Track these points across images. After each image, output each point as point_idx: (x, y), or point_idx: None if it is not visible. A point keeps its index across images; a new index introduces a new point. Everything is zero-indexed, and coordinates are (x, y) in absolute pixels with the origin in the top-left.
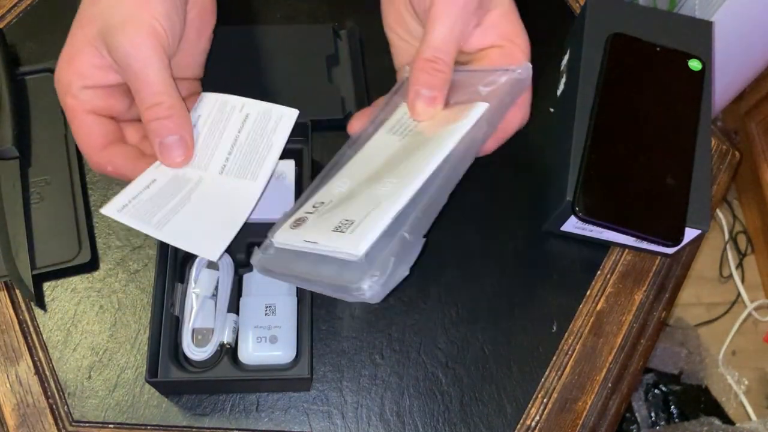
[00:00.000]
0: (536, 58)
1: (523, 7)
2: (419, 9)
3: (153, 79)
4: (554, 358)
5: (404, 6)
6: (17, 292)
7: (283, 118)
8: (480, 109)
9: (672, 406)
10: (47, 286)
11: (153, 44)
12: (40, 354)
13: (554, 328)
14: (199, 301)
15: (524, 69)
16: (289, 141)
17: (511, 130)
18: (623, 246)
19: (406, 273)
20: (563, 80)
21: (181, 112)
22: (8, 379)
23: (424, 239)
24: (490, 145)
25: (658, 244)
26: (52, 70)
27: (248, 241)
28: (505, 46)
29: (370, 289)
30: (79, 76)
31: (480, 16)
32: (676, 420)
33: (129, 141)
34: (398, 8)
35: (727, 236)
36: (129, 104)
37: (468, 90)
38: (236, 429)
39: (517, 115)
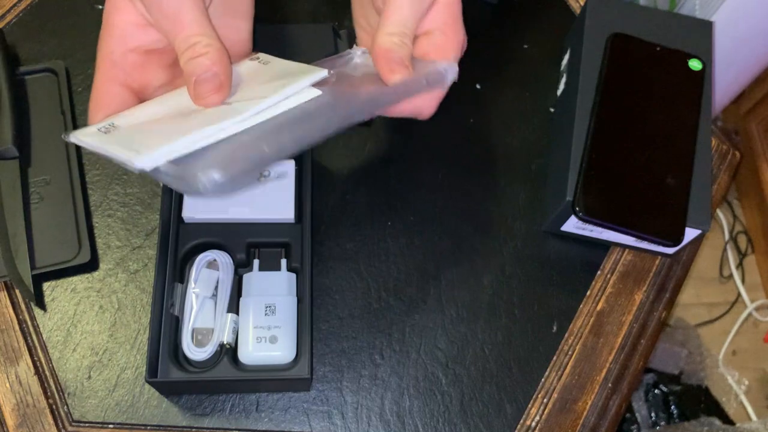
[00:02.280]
0: (536, 58)
1: (524, 6)
2: (377, 2)
3: (187, 21)
4: (554, 358)
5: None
6: (17, 292)
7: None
8: (318, 74)
9: (672, 406)
10: (47, 286)
11: None
12: (40, 354)
13: (554, 328)
14: (199, 301)
15: (450, 68)
16: None
17: (407, 112)
18: (623, 246)
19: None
20: (563, 80)
21: (217, 50)
22: (8, 379)
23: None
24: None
25: (659, 244)
26: (52, 70)
27: (248, 241)
28: (435, 36)
29: (210, 181)
30: (121, 39)
31: (429, 4)
32: (676, 420)
33: None
34: (362, 2)
35: (727, 236)
36: (162, 80)
37: None
38: (236, 429)
39: (423, 104)
